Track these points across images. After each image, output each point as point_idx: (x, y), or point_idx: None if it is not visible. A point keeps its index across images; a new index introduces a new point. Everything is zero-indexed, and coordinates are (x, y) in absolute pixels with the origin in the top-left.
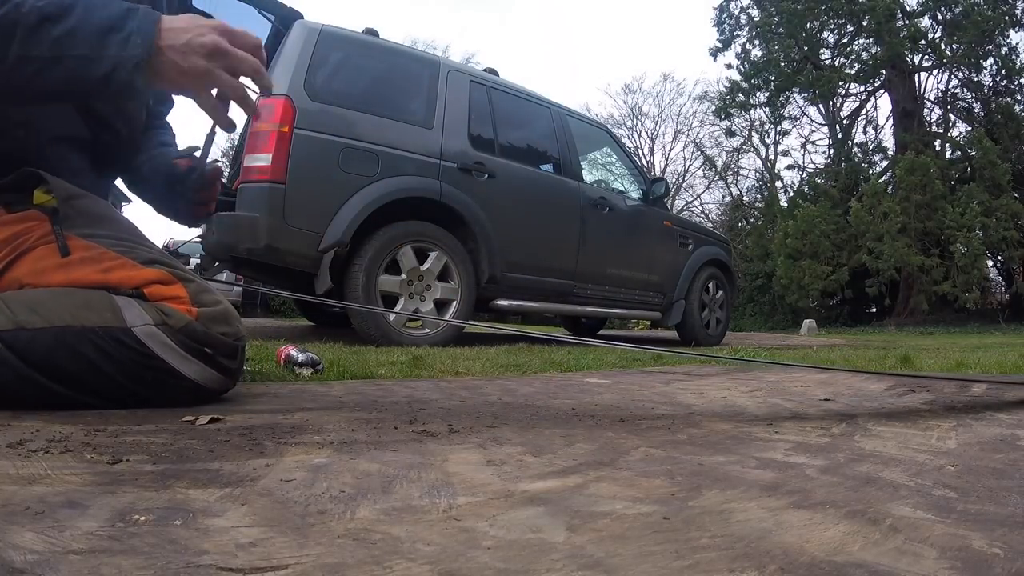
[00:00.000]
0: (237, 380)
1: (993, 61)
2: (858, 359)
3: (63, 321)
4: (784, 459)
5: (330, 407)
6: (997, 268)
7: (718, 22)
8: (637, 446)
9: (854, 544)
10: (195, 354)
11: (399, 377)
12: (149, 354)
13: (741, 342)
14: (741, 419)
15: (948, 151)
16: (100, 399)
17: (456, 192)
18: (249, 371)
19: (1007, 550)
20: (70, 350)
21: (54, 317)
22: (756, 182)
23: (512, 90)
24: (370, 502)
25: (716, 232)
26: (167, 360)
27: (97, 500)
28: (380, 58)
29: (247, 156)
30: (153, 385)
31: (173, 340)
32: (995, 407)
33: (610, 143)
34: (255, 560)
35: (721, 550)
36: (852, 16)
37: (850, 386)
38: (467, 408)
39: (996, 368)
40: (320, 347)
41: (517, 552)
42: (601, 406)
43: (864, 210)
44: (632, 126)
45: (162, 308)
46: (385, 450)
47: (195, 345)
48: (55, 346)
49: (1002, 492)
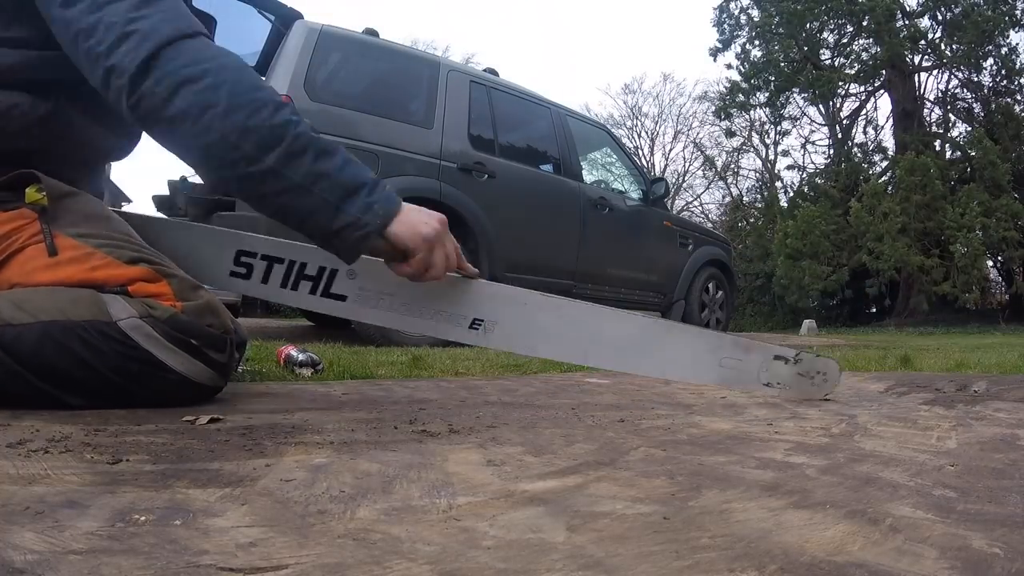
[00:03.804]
0: (228, 376)
1: (993, 61)
2: (858, 359)
3: (49, 316)
4: (784, 459)
5: (330, 407)
6: (997, 268)
7: (718, 22)
8: (637, 446)
9: (854, 544)
10: (181, 345)
11: (399, 377)
12: (134, 346)
13: None
14: (741, 419)
15: (948, 151)
16: (89, 395)
17: (456, 192)
18: (249, 371)
19: (1007, 550)
20: (57, 345)
21: (40, 313)
22: (756, 182)
23: (512, 90)
24: (370, 502)
25: (716, 232)
26: (152, 352)
27: (97, 500)
28: (380, 58)
29: None
30: (140, 379)
31: (158, 331)
32: (995, 407)
33: (610, 143)
34: (255, 560)
35: (721, 550)
36: (852, 16)
37: (850, 386)
38: (467, 408)
39: (996, 368)
40: (320, 347)
41: (517, 552)
42: (601, 406)
43: (864, 210)
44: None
45: (147, 302)
46: (385, 450)
47: (181, 336)
48: (42, 341)
49: (1002, 492)
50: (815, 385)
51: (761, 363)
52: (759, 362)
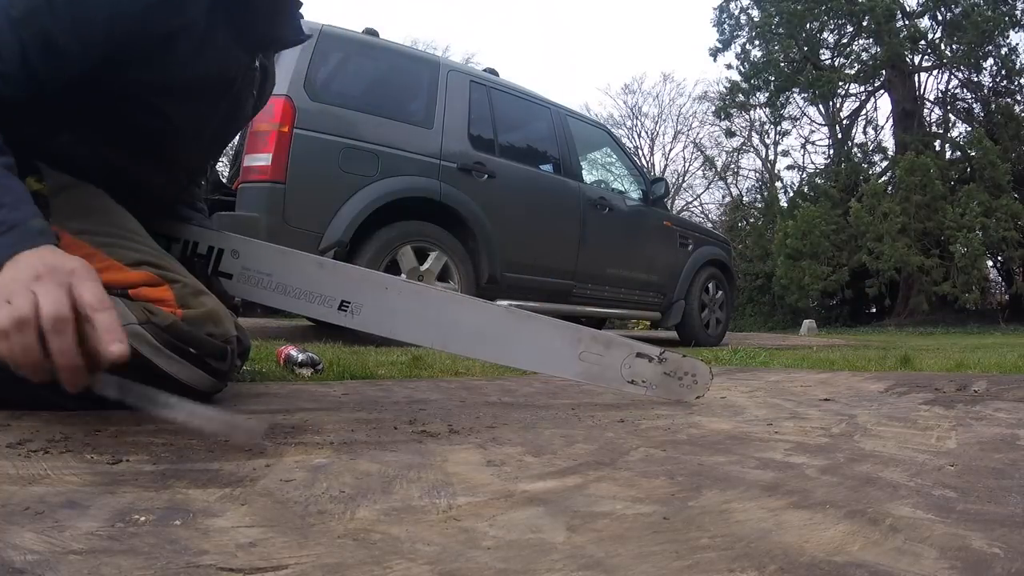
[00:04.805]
0: (228, 382)
1: (993, 61)
2: (858, 359)
3: None
4: (784, 459)
5: (330, 407)
6: (997, 268)
7: (718, 22)
8: (637, 446)
9: (854, 544)
10: (180, 354)
11: (399, 377)
12: (133, 353)
13: (741, 342)
14: (741, 419)
15: (948, 151)
16: (88, 402)
17: (456, 192)
18: (249, 371)
19: (1007, 550)
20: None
21: None
22: (756, 182)
23: (512, 90)
24: (370, 502)
25: (716, 232)
26: (153, 360)
27: (97, 500)
28: (380, 58)
29: (247, 156)
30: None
31: (158, 340)
32: (995, 407)
33: (610, 143)
34: (255, 560)
35: (721, 550)
36: (852, 16)
37: (850, 386)
38: (467, 408)
39: (996, 368)
40: (320, 347)
41: (517, 552)
42: (601, 406)
43: (864, 210)
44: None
45: (147, 307)
46: (385, 450)
47: (181, 345)
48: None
49: (1002, 492)
50: (684, 387)
51: (623, 359)
52: (621, 358)
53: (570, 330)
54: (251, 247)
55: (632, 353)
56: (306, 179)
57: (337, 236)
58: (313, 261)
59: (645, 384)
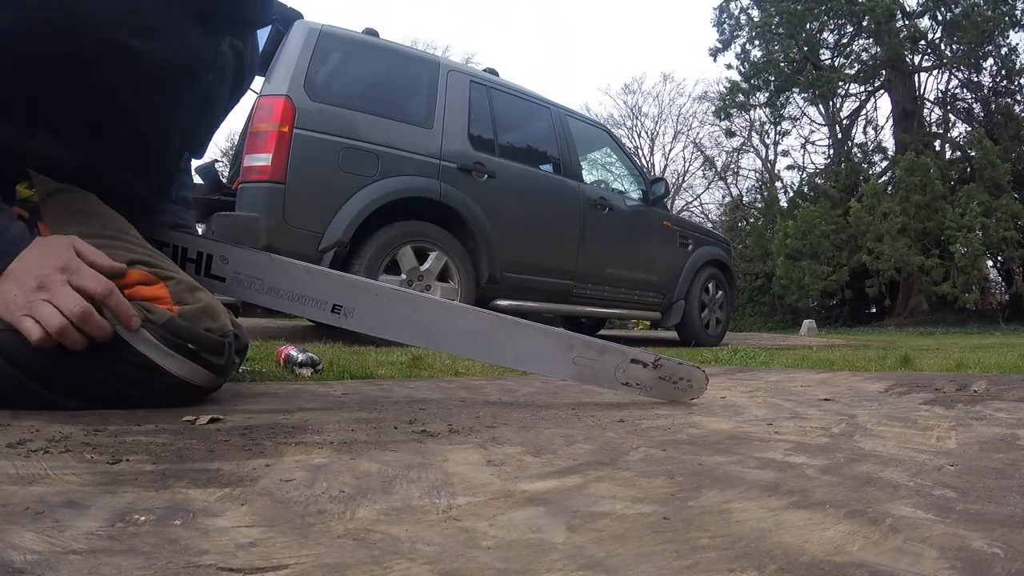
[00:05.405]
0: (227, 376)
1: (993, 61)
2: (858, 359)
3: None
4: (784, 459)
5: (330, 407)
6: (997, 268)
7: (718, 22)
8: (637, 446)
9: (854, 544)
10: (178, 350)
11: (399, 377)
12: (131, 350)
13: (741, 342)
14: (741, 419)
15: (948, 151)
16: (87, 399)
17: (456, 192)
18: (249, 371)
19: (1007, 550)
20: (53, 349)
21: None
22: (756, 182)
23: (512, 90)
24: (370, 502)
25: (716, 232)
26: (149, 356)
27: (97, 500)
28: (380, 58)
29: (247, 156)
30: (137, 383)
31: (155, 336)
32: (995, 407)
33: (610, 143)
34: (255, 560)
35: (721, 550)
36: (852, 16)
37: (850, 386)
38: (467, 408)
39: (996, 368)
40: (320, 347)
41: (517, 552)
42: (601, 406)
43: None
44: (632, 126)
45: (144, 305)
46: (385, 450)
47: (178, 341)
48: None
49: (1002, 492)
50: (679, 389)
51: (617, 364)
52: (615, 363)
53: (562, 337)
54: (240, 252)
55: (627, 360)
56: (306, 179)
57: (337, 236)
58: (302, 268)
59: (640, 386)
